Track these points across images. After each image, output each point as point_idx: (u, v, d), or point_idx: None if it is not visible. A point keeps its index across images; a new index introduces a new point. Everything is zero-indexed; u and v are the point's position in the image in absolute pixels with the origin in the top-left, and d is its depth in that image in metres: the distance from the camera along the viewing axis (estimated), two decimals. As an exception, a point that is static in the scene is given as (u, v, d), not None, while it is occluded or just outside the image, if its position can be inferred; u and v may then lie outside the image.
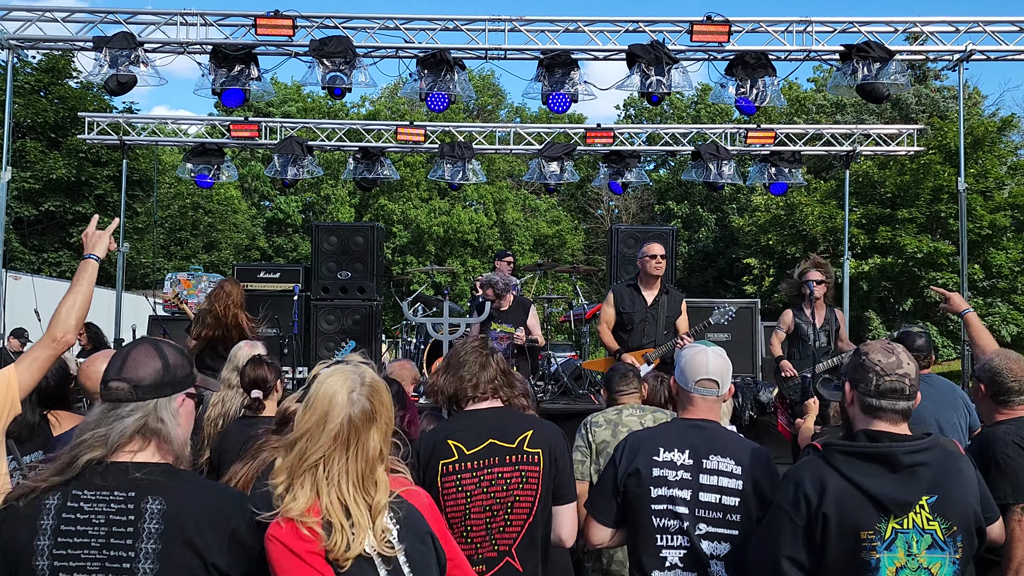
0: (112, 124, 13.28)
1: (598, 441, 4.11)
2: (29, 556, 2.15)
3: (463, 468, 3.14)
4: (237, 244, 36.00)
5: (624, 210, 41.19)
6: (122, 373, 2.30)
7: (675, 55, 8.96)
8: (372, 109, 40.49)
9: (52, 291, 15.06)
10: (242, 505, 2.30)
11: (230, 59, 9.13)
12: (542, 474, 3.18)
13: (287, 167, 12.36)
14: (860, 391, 2.71)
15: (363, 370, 2.36)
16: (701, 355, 3.25)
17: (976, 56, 9.18)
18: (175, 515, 2.19)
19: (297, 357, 10.14)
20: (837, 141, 13.33)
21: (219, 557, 2.20)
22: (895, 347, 2.74)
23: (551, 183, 12.90)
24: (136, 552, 2.15)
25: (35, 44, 9.80)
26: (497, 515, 3.15)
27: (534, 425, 3.30)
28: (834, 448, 2.70)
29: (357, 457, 2.24)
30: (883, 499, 2.56)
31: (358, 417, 2.25)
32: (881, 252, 27.58)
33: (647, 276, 7.30)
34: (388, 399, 2.36)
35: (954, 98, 32.79)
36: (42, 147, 26.22)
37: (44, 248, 26.68)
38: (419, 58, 9.17)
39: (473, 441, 3.18)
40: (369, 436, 2.26)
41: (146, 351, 2.36)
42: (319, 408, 2.25)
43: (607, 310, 7.37)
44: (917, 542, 2.56)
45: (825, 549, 2.60)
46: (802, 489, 2.66)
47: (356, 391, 2.28)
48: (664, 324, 7.26)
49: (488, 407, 3.31)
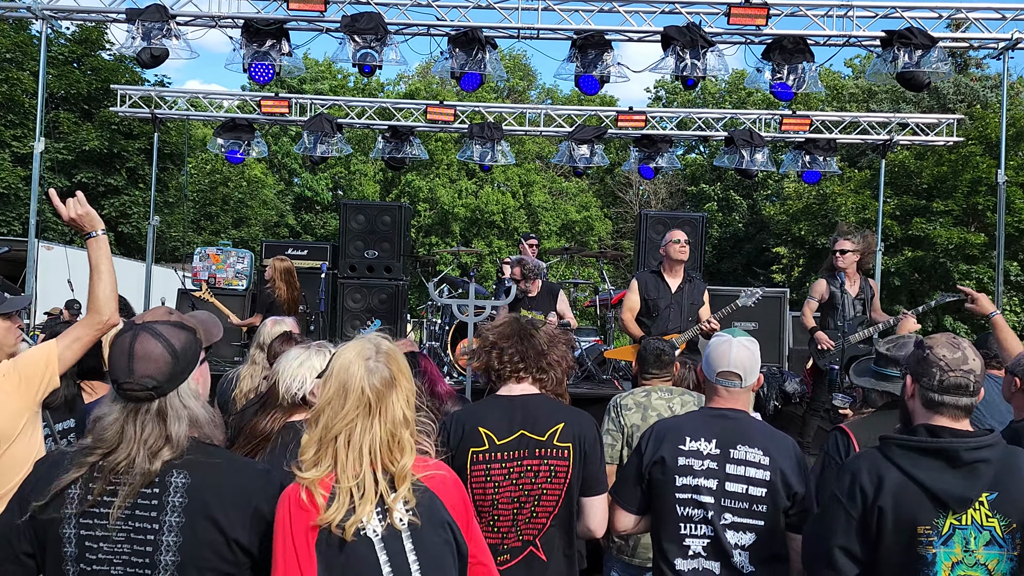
0: (144, 97, 13.33)
1: (629, 424, 4.09)
2: (56, 525, 2.17)
3: (493, 458, 3.12)
4: (266, 221, 36.17)
5: (653, 194, 40.90)
6: (134, 374, 2.23)
7: (711, 38, 8.82)
8: (408, 88, 40.36)
9: (84, 261, 15.21)
10: (267, 482, 2.29)
11: (261, 34, 9.11)
12: (571, 468, 3.15)
13: (316, 144, 12.35)
14: (923, 385, 2.66)
15: (378, 340, 2.34)
16: (724, 346, 3.21)
17: (1022, 45, 8.96)
18: (199, 489, 2.19)
19: (323, 334, 10.16)
20: (874, 130, 13.11)
21: (241, 533, 2.20)
22: (960, 342, 2.68)
23: (580, 166, 12.79)
24: (160, 524, 2.16)
25: (68, 15, 9.84)
26: (524, 506, 3.14)
27: (565, 416, 3.22)
28: (893, 442, 2.65)
29: (381, 424, 2.22)
30: (942, 495, 2.52)
31: (377, 383, 2.23)
32: (913, 245, 27.19)
33: (671, 261, 7.27)
34: (405, 364, 2.34)
35: (994, 87, 32.22)
36: (75, 118, 26.41)
37: (76, 219, 26.94)
38: (451, 36, 9.10)
39: (504, 431, 3.15)
40: (390, 402, 2.24)
41: (148, 342, 2.27)
42: (337, 379, 2.24)
43: (631, 297, 7.33)
44: (975, 538, 2.53)
45: (880, 542, 2.58)
46: (858, 481, 2.62)
47: (372, 359, 2.26)
48: (688, 311, 7.24)
49: (521, 394, 3.25)
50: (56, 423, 3.73)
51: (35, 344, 3.32)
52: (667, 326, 7.13)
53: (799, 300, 14.36)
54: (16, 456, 2.97)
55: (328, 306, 11.10)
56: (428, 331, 10.67)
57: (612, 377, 9.70)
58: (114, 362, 2.27)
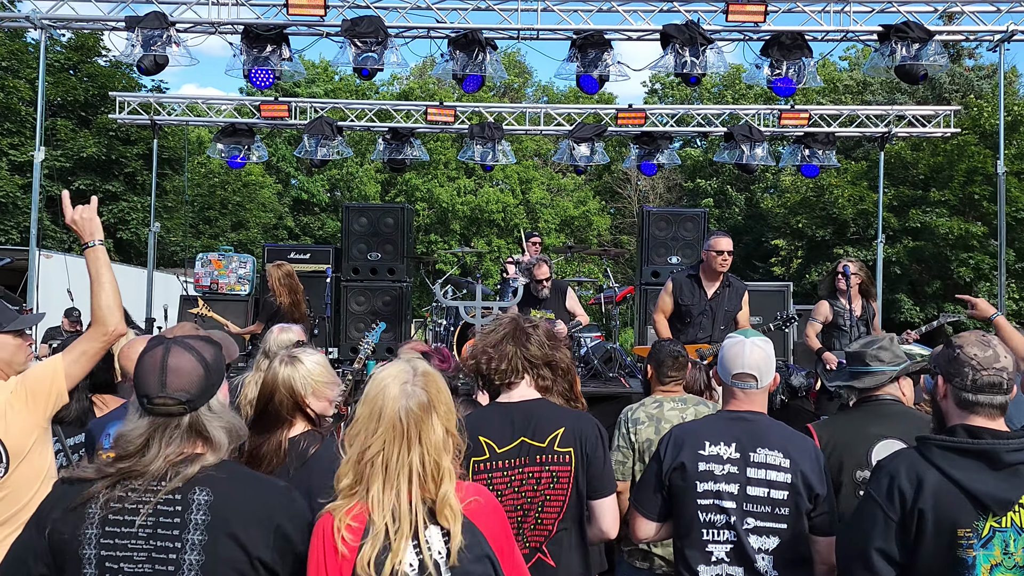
0: (143, 104, 13.33)
1: (641, 440, 4.01)
2: (76, 545, 2.14)
3: (494, 467, 3.09)
4: (265, 223, 36.13)
5: (651, 190, 40.88)
6: (167, 388, 2.22)
7: (710, 35, 8.84)
8: (403, 88, 40.32)
9: (83, 270, 15.18)
10: (289, 500, 2.29)
11: (261, 39, 9.10)
12: (573, 473, 3.11)
13: (317, 147, 12.37)
14: (955, 385, 2.61)
15: (416, 362, 2.33)
16: (738, 347, 3.19)
17: (1018, 36, 9.01)
18: (221, 507, 2.17)
19: (327, 339, 10.19)
20: (872, 122, 13.14)
21: (264, 552, 2.18)
22: (991, 340, 2.65)
23: (581, 164, 12.82)
24: (182, 543, 2.14)
25: (67, 24, 9.86)
26: (528, 514, 3.10)
27: (566, 420, 3.18)
28: (932, 442, 2.61)
29: (421, 450, 2.19)
30: (983, 497, 2.48)
31: (415, 408, 2.21)
32: (912, 235, 27.24)
33: (711, 270, 6.96)
34: (445, 388, 2.32)
35: (988, 77, 32.26)
36: (72, 125, 26.38)
37: (75, 226, 26.90)
38: (451, 38, 9.12)
39: (505, 439, 3.12)
40: (430, 427, 2.22)
41: (182, 356, 2.26)
42: (373, 402, 2.22)
43: (665, 299, 7.06)
44: (1014, 541, 2.49)
45: (919, 545, 2.53)
46: (897, 483, 2.57)
47: (409, 382, 2.24)
48: (723, 319, 6.96)
49: (520, 400, 3.20)
50: (67, 438, 3.72)
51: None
52: (698, 334, 6.91)
53: (800, 292, 14.44)
54: (27, 473, 2.95)
55: (332, 309, 11.13)
56: (433, 332, 10.70)
57: (619, 375, 9.73)
58: (144, 377, 2.24)
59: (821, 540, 3.05)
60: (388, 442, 2.19)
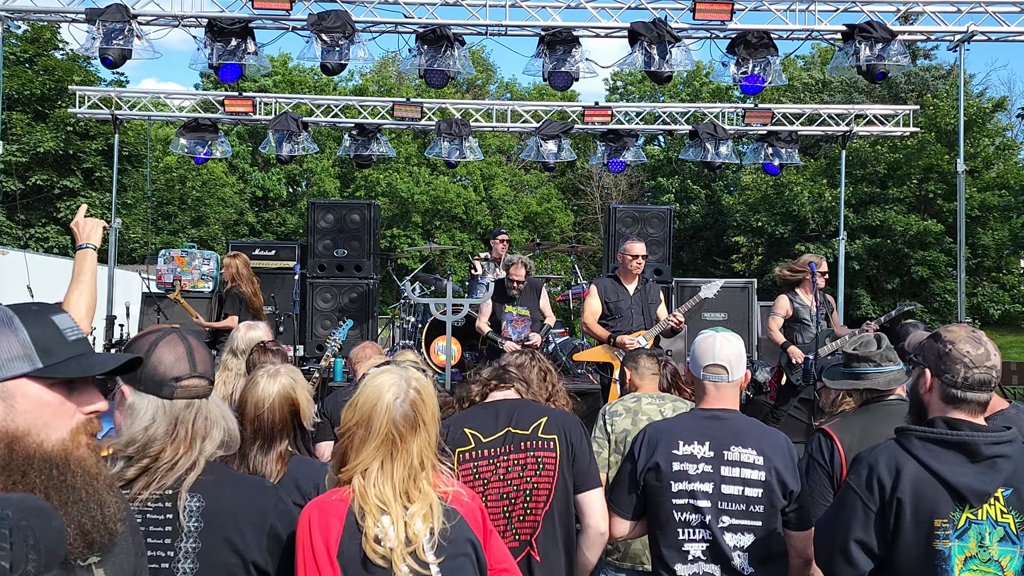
0: (104, 98, 13.11)
1: (618, 431, 4.01)
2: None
3: (479, 456, 3.15)
4: (225, 220, 35.76)
5: (614, 187, 41.05)
6: (196, 368, 2.19)
7: (677, 33, 8.88)
8: (360, 83, 40.12)
9: (42, 267, 14.91)
10: (279, 500, 2.27)
11: (226, 33, 9.00)
12: (559, 460, 3.17)
13: (282, 143, 12.25)
14: (944, 381, 2.61)
15: (411, 374, 2.35)
16: (709, 340, 3.21)
17: (978, 37, 9.15)
18: (214, 512, 2.14)
19: (294, 336, 10.10)
20: (834, 121, 13.30)
21: (258, 554, 2.16)
22: (980, 336, 2.67)
23: (549, 162, 12.83)
24: (176, 551, 2.10)
25: (25, 15, 9.63)
26: (516, 503, 3.14)
27: (549, 413, 3.31)
28: (912, 433, 2.63)
29: (399, 463, 2.23)
30: (961, 488, 2.51)
31: (400, 422, 2.24)
32: (870, 232, 27.69)
33: (628, 272, 7.46)
34: (434, 405, 2.34)
35: (943, 77, 32.82)
36: (28, 119, 25.89)
37: (31, 223, 26.40)
38: (419, 33, 9.07)
39: (490, 429, 3.20)
40: (411, 443, 2.25)
41: (197, 342, 2.25)
42: (363, 409, 2.25)
43: (592, 302, 7.44)
44: (990, 534, 2.52)
45: (898, 535, 2.56)
46: (876, 472, 2.59)
47: (401, 397, 2.27)
48: (647, 310, 7.41)
49: (503, 398, 3.33)
50: None
51: None
52: (631, 324, 7.28)
53: (763, 288, 14.58)
54: None
55: (301, 307, 11.04)
56: (400, 330, 10.66)
57: (586, 371, 9.76)
58: (166, 360, 2.16)
59: (796, 535, 3.08)
60: (376, 448, 2.22)
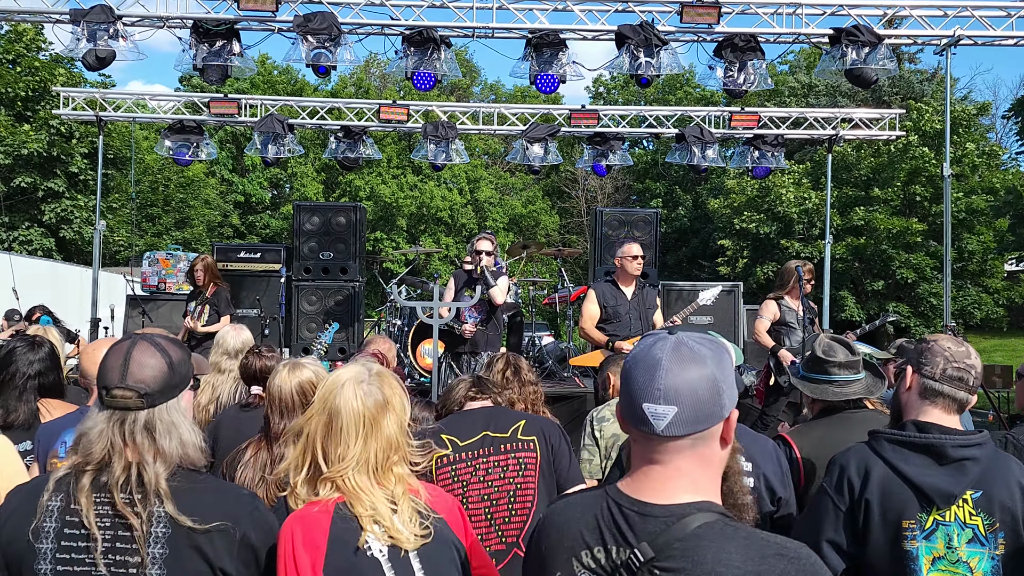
0: (88, 99, 13.02)
1: (607, 436, 3.98)
2: (31, 560, 2.06)
3: (458, 459, 3.16)
4: (209, 221, 35.61)
5: (600, 190, 41.13)
6: (126, 379, 2.15)
7: (664, 36, 8.89)
8: (335, 85, 40.02)
9: (27, 270, 14.81)
10: (253, 507, 2.23)
11: (211, 34, 8.95)
12: (539, 459, 3.18)
13: (267, 145, 12.19)
14: (924, 374, 2.68)
15: (370, 364, 2.35)
16: None
17: (964, 41, 9.19)
18: (183, 519, 2.10)
19: (280, 339, 10.05)
20: (820, 125, 13.35)
21: (228, 563, 2.12)
22: (963, 342, 2.74)
23: (535, 165, 12.81)
24: (143, 557, 2.06)
25: (8, 16, 9.56)
26: (499, 504, 3.13)
27: (526, 416, 3.36)
28: (882, 436, 2.68)
29: (376, 446, 2.21)
30: (928, 490, 2.55)
31: (370, 407, 2.23)
32: (854, 234, 27.83)
33: (626, 274, 7.42)
34: (399, 387, 2.33)
35: (926, 81, 33.08)
36: (11, 120, 25.69)
37: (15, 225, 26.18)
38: (405, 36, 9.04)
39: (466, 434, 3.21)
40: (383, 425, 2.23)
41: (147, 351, 2.20)
42: (327, 400, 2.24)
43: (590, 307, 7.39)
44: (958, 535, 2.55)
45: (867, 535, 2.59)
46: (847, 474, 2.64)
47: (365, 381, 2.26)
48: (645, 315, 7.40)
49: (480, 406, 3.38)
50: (15, 444, 3.60)
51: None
52: (630, 330, 7.24)
53: (749, 291, 14.61)
54: None
55: (284, 308, 10.98)
56: (387, 332, 10.61)
57: (573, 375, 9.75)
58: (106, 368, 2.18)
59: None
60: (344, 439, 2.20)
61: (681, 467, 1.64)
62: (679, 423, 1.59)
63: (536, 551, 1.81)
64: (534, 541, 1.83)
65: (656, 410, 1.60)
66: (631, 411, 1.64)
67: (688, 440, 1.61)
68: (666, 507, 1.62)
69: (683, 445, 1.62)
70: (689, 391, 1.59)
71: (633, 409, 1.63)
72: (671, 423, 1.59)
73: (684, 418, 1.59)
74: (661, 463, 1.64)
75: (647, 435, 1.63)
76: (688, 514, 1.61)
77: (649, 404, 1.60)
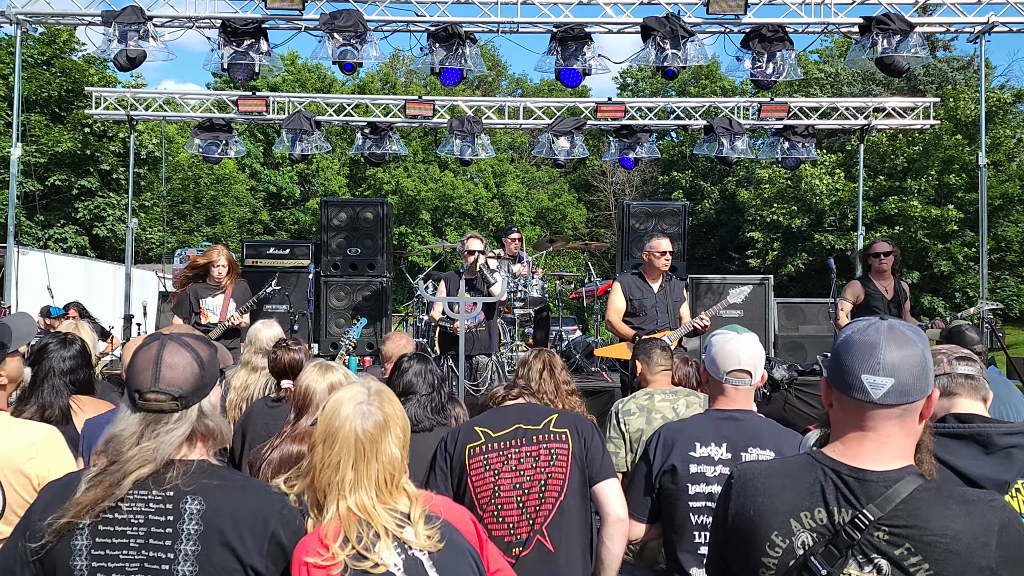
0: (119, 99, 13.17)
1: (632, 430, 3.96)
2: (67, 556, 2.09)
3: (490, 448, 3.20)
4: (240, 218, 35.90)
5: (627, 183, 40.95)
6: (158, 383, 2.17)
7: (691, 28, 8.82)
8: (363, 80, 40.12)
9: (61, 267, 15.02)
10: (283, 506, 2.24)
11: (239, 33, 9.02)
12: (571, 451, 3.18)
13: (295, 142, 12.26)
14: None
15: (369, 382, 2.34)
16: (733, 344, 3.14)
17: (998, 28, 9.04)
18: (214, 515, 2.12)
19: (308, 334, 10.09)
20: (851, 114, 13.19)
21: (258, 560, 2.13)
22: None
23: (561, 158, 12.78)
24: (175, 553, 2.09)
25: (43, 19, 9.70)
26: (530, 493, 3.15)
27: (559, 412, 3.38)
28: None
29: (378, 466, 2.21)
30: (980, 480, 2.46)
31: (370, 428, 2.23)
32: (888, 224, 27.45)
33: (653, 269, 7.27)
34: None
35: (961, 69, 32.54)
36: (46, 121, 26.06)
37: (50, 223, 26.58)
38: (430, 32, 9.05)
39: (499, 426, 3.26)
40: (384, 445, 2.23)
41: (177, 352, 2.22)
42: (328, 422, 2.24)
43: (616, 299, 7.29)
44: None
45: None
46: None
47: (364, 402, 2.26)
48: (672, 309, 7.26)
49: (515, 403, 3.44)
50: None
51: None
52: (656, 324, 7.11)
53: (781, 285, 14.50)
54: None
55: (312, 304, 11.04)
56: (414, 328, 10.65)
57: (600, 369, 9.73)
58: (137, 372, 2.19)
59: None
60: (345, 460, 2.20)
61: (891, 434, 1.88)
62: (894, 393, 1.84)
63: (742, 514, 1.99)
64: (735, 504, 2.01)
65: (875, 380, 1.85)
66: (848, 381, 1.88)
67: (898, 410, 1.86)
68: (881, 472, 1.85)
69: (893, 414, 1.86)
70: (905, 366, 1.84)
71: (851, 379, 1.88)
72: (887, 392, 1.84)
73: (899, 389, 1.84)
74: (873, 430, 1.88)
75: (861, 404, 1.87)
76: (901, 478, 1.84)
77: (868, 375, 1.85)
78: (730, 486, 2.06)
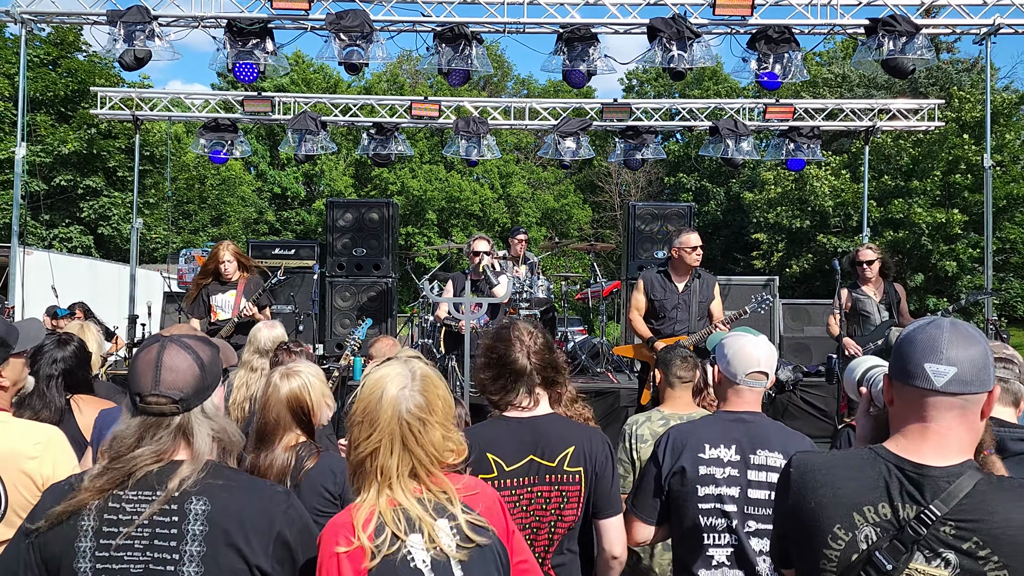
0: (124, 99, 13.18)
1: (644, 458, 3.83)
2: (71, 558, 2.07)
3: (502, 485, 2.95)
4: (245, 218, 35.92)
5: (633, 184, 40.92)
6: (159, 386, 2.16)
7: (697, 29, 8.80)
8: (369, 80, 40.14)
9: (66, 267, 15.03)
10: (288, 506, 2.23)
11: (245, 33, 9.02)
12: (583, 492, 3.01)
13: (301, 142, 12.27)
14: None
15: (413, 364, 2.27)
16: (751, 346, 3.13)
17: (1004, 30, 9.02)
18: (220, 516, 2.11)
19: (313, 335, 10.11)
20: (856, 116, 13.16)
21: (264, 561, 2.12)
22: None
23: (566, 159, 12.77)
24: (180, 554, 2.08)
25: (48, 18, 9.71)
26: (539, 533, 3.00)
27: (576, 439, 3.04)
28: None
29: (420, 452, 2.16)
30: None
31: (413, 412, 2.17)
32: (893, 227, 27.40)
33: (683, 265, 7.00)
34: (444, 390, 2.27)
35: (966, 71, 32.49)
36: (52, 120, 26.11)
37: (55, 223, 26.62)
38: (436, 32, 9.05)
39: (512, 457, 2.98)
40: (428, 430, 2.17)
41: (177, 355, 2.20)
42: (369, 404, 2.18)
43: (638, 297, 7.07)
44: None
45: None
46: None
47: (408, 387, 2.19)
48: (697, 311, 6.97)
49: (529, 416, 3.05)
50: None
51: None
52: (675, 328, 6.92)
53: (783, 286, 14.46)
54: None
55: (317, 305, 11.04)
56: (419, 328, 10.65)
57: (606, 370, 9.73)
58: (137, 375, 2.18)
59: None
60: (385, 445, 2.14)
61: (952, 426, 1.88)
62: (956, 382, 1.85)
63: (802, 505, 2.00)
64: (796, 495, 2.02)
65: (938, 368, 1.86)
66: (910, 370, 1.90)
67: (960, 400, 1.86)
68: (944, 468, 1.86)
69: (954, 404, 1.87)
70: (967, 357, 1.86)
71: (914, 368, 1.89)
72: (950, 380, 1.85)
73: (961, 378, 1.85)
74: (934, 420, 1.89)
75: (923, 392, 1.88)
76: (963, 473, 1.85)
77: (931, 364, 1.87)
78: (788, 475, 2.07)
